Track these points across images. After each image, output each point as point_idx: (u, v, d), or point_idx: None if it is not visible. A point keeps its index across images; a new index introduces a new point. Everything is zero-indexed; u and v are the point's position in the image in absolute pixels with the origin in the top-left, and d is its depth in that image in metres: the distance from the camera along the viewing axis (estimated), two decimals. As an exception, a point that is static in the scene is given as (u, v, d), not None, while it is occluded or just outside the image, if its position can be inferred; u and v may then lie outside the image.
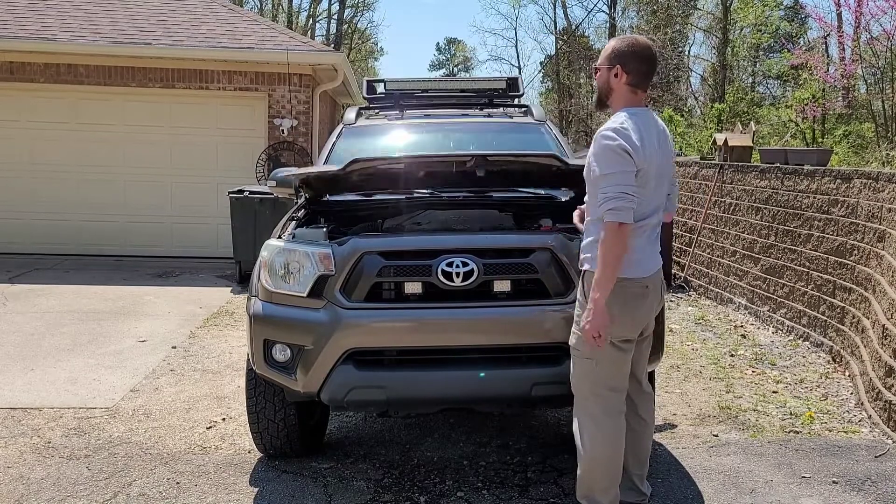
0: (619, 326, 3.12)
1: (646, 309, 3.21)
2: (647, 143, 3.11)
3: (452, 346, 3.60)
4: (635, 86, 3.20)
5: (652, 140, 3.15)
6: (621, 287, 3.08)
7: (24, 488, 3.86)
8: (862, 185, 6.02)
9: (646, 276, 3.16)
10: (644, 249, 3.17)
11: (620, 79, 3.19)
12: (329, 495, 3.80)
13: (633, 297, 3.14)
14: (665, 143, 3.26)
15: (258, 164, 10.69)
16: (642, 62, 3.19)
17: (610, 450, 3.21)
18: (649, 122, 3.21)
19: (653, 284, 3.20)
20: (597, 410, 3.21)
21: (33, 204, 10.91)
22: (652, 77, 3.28)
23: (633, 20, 32.52)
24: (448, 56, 59.19)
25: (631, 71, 3.18)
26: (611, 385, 3.21)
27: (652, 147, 3.13)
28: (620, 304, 3.10)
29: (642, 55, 3.19)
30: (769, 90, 25.24)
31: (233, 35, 10.99)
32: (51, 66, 10.59)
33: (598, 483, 3.24)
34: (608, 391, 3.20)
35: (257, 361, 3.75)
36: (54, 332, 6.90)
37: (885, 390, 4.71)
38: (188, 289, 8.93)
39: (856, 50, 14.44)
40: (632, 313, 3.16)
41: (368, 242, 3.68)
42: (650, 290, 3.19)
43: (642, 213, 3.12)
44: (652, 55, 3.24)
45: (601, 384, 3.20)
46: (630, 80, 3.18)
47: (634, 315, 3.17)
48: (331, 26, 39.91)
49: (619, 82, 3.19)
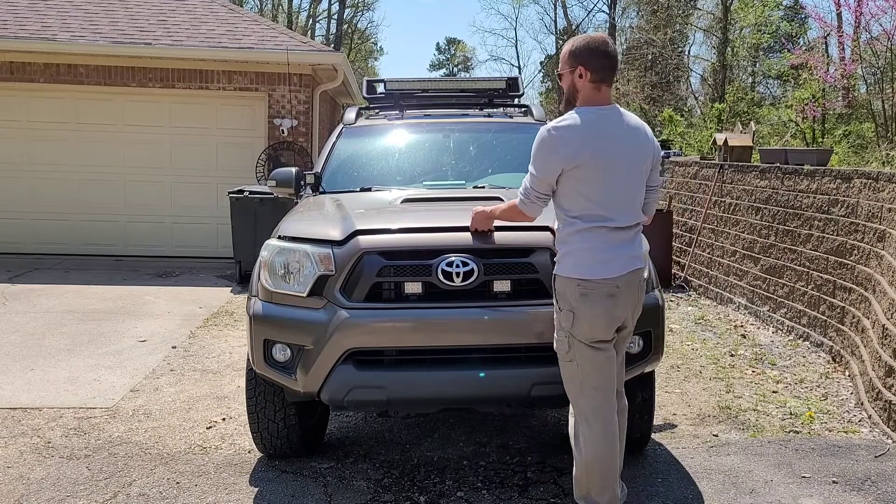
0: (587, 328, 3.14)
1: (618, 311, 3.18)
2: (598, 142, 3.09)
3: (452, 346, 3.60)
4: (599, 82, 3.18)
5: (609, 138, 3.13)
6: (587, 288, 3.10)
7: (24, 488, 3.86)
8: (862, 185, 6.02)
9: (613, 276, 3.13)
10: (609, 251, 3.14)
11: (585, 78, 3.17)
12: (329, 495, 3.80)
13: (601, 297, 3.12)
14: (635, 142, 3.22)
15: (258, 164, 10.70)
16: (603, 57, 3.18)
17: (603, 449, 3.20)
18: (610, 119, 3.19)
19: (626, 285, 3.17)
20: (586, 410, 3.22)
21: (33, 204, 10.91)
22: (615, 71, 3.26)
23: (633, 20, 32.54)
24: (448, 56, 59.17)
25: (593, 68, 3.16)
26: (594, 384, 3.21)
27: (608, 145, 3.11)
28: (589, 305, 3.11)
29: (602, 51, 3.18)
30: (769, 90, 25.23)
31: (233, 35, 10.99)
32: (51, 66, 10.59)
33: (595, 483, 3.23)
34: (593, 390, 3.21)
35: (257, 361, 3.75)
36: (54, 332, 6.90)
37: (885, 390, 4.71)
38: (188, 289, 8.94)
39: (856, 50, 14.43)
40: (601, 314, 3.14)
41: (368, 242, 3.68)
42: (622, 290, 3.16)
43: (596, 214, 3.12)
44: (610, 49, 3.22)
45: (585, 384, 3.21)
46: (593, 78, 3.16)
47: (604, 316, 3.15)
48: (331, 26, 39.93)
49: (584, 82, 3.18)
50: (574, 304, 3.13)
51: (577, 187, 3.12)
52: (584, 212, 3.13)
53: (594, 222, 3.11)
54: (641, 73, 27.45)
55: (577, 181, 3.11)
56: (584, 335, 3.15)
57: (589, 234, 3.12)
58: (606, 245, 3.13)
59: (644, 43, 28.20)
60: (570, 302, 3.14)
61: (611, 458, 3.22)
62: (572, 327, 3.15)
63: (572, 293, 3.13)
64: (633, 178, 3.22)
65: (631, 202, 3.22)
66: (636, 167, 3.23)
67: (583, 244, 3.13)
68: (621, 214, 3.16)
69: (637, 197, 3.25)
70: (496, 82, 6.21)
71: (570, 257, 3.15)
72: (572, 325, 3.15)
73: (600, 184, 3.11)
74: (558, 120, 3.15)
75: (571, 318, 3.15)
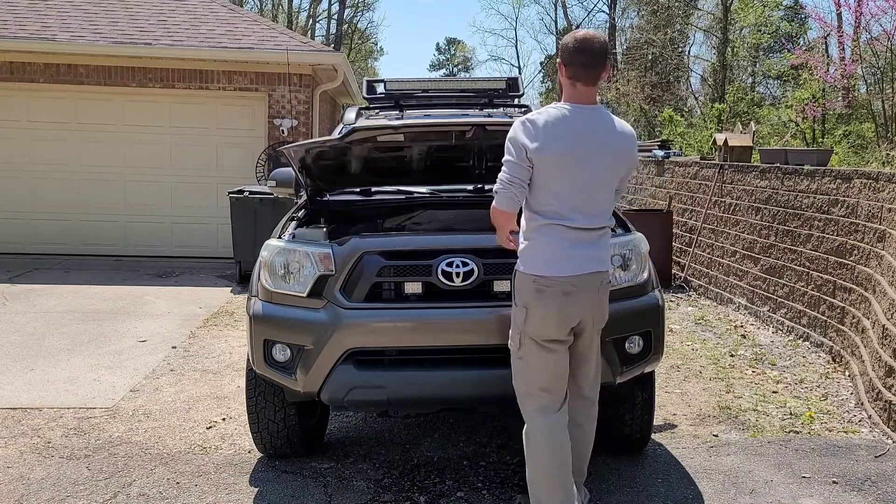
0: (538, 325, 3.13)
1: (572, 310, 3.14)
2: (568, 139, 3.05)
3: (452, 346, 3.60)
4: (573, 78, 3.11)
5: (580, 138, 3.07)
6: (539, 285, 3.10)
7: (24, 488, 3.86)
8: (862, 185, 6.02)
9: (568, 275, 3.10)
10: (567, 249, 3.11)
11: (562, 72, 3.15)
12: (329, 495, 3.80)
13: (553, 296, 3.10)
14: (611, 146, 3.15)
15: (258, 164, 10.70)
16: (578, 53, 3.10)
17: (548, 449, 3.17)
18: (586, 118, 3.12)
19: (582, 284, 3.13)
20: (531, 411, 3.21)
21: (33, 204, 10.91)
22: (592, 69, 3.12)
23: (633, 20, 32.52)
24: (448, 56, 59.18)
25: (568, 63, 3.12)
26: (541, 384, 3.19)
27: (579, 144, 3.06)
28: (542, 302, 3.10)
29: (579, 47, 3.10)
30: (769, 90, 25.22)
31: (233, 35, 10.99)
32: (51, 66, 10.59)
33: (542, 484, 3.20)
34: (539, 390, 3.19)
35: (257, 361, 3.75)
36: (54, 332, 6.90)
37: (885, 390, 4.71)
38: (188, 289, 8.93)
39: (856, 50, 14.43)
40: (554, 312, 3.12)
41: (368, 242, 3.68)
42: (578, 290, 3.12)
43: (557, 211, 3.09)
44: (590, 47, 3.11)
45: (532, 383, 3.20)
46: (567, 73, 3.12)
47: (555, 315, 3.12)
48: (331, 26, 39.94)
49: (563, 77, 3.15)
50: (528, 300, 3.13)
51: (541, 182, 3.10)
52: (545, 207, 3.11)
53: (554, 219, 3.10)
54: (641, 73, 27.43)
55: (543, 176, 3.08)
56: (535, 332, 3.14)
57: (549, 230, 3.11)
58: (565, 243, 3.11)
59: (644, 43, 28.19)
60: (525, 298, 3.15)
61: (556, 463, 3.18)
62: (524, 323, 3.14)
63: (528, 289, 3.13)
64: (601, 182, 3.17)
65: (595, 205, 3.17)
66: (607, 172, 3.17)
67: (541, 240, 3.12)
68: (584, 216, 3.13)
69: (604, 201, 3.20)
70: (496, 82, 6.20)
71: (528, 253, 3.15)
72: (525, 321, 3.14)
73: (565, 182, 3.09)
74: (531, 113, 3.17)
75: (524, 314, 3.14)
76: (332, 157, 4.59)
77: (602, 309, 3.28)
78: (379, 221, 4.66)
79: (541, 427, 3.20)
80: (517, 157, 3.08)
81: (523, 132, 3.07)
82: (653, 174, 11.02)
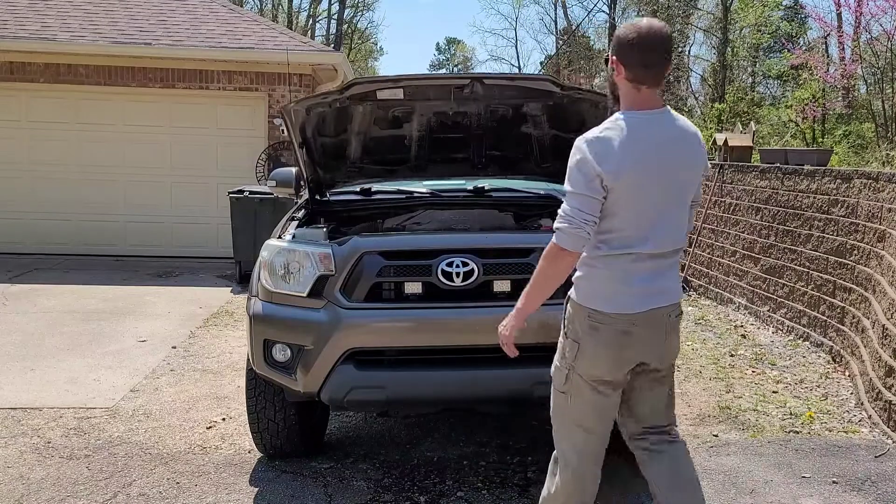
0: (589, 364, 2.71)
1: (630, 351, 2.70)
2: (637, 155, 2.58)
3: (452, 345, 3.60)
4: (635, 81, 2.61)
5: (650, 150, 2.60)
6: (594, 321, 2.67)
7: (24, 488, 3.86)
8: (862, 185, 6.02)
9: (630, 312, 2.66)
10: (630, 282, 2.65)
11: (619, 73, 2.63)
12: (329, 495, 3.80)
13: (610, 334, 2.66)
14: (682, 153, 2.68)
15: (258, 164, 10.70)
16: (640, 51, 2.58)
17: (563, 494, 2.87)
18: (654, 126, 2.65)
19: (646, 323, 2.68)
20: (566, 449, 2.87)
21: (33, 204, 10.90)
22: (659, 69, 2.62)
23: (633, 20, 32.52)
24: (448, 56, 59.20)
25: (627, 63, 2.60)
26: (584, 425, 2.82)
27: (649, 158, 2.59)
28: (595, 341, 2.68)
29: (641, 43, 2.57)
30: (769, 90, 25.23)
31: (233, 35, 10.99)
32: (51, 66, 10.59)
33: None
34: (577, 427, 2.82)
35: (257, 361, 3.75)
36: (54, 332, 6.89)
37: (885, 390, 4.71)
38: (188, 289, 8.93)
39: (856, 50, 14.44)
40: (608, 353, 2.69)
41: (368, 242, 3.68)
42: (640, 330, 2.67)
43: (626, 237, 2.63)
44: (653, 41, 2.59)
45: (573, 423, 2.83)
46: (628, 75, 2.61)
47: (610, 355, 2.69)
48: (331, 26, 39.94)
49: (619, 77, 2.64)
50: (581, 335, 2.71)
51: (610, 209, 2.60)
52: (611, 235, 2.64)
53: (622, 248, 2.63)
54: (641, 73, 27.42)
55: (615, 203, 2.59)
56: (585, 371, 2.73)
57: (612, 260, 2.65)
58: (628, 275, 2.65)
59: (644, 43, 28.16)
60: (577, 331, 2.73)
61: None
62: (574, 360, 2.74)
63: (581, 323, 2.71)
64: (679, 197, 2.71)
65: (671, 225, 2.69)
66: (680, 183, 2.70)
67: (602, 271, 2.67)
68: (658, 240, 2.66)
69: (679, 218, 2.72)
70: None
71: (585, 282, 2.71)
72: (575, 357, 2.74)
73: (639, 205, 2.61)
74: (595, 130, 2.64)
75: (575, 349, 2.73)
76: (333, 132, 4.59)
77: (671, 346, 2.81)
78: (379, 221, 4.66)
79: (568, 464, 2.85)
80: (588, 187, 2.56)
81: (593, 154, 2.55)
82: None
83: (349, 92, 4.01)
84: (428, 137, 4.74)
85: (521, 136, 4.77)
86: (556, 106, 4.47)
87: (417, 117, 4.57)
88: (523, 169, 5.00)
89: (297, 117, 4.30)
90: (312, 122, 4.44)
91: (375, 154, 4.86)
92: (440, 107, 4.52)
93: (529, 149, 4.85)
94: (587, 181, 2.56)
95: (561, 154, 4.85)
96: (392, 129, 4.67)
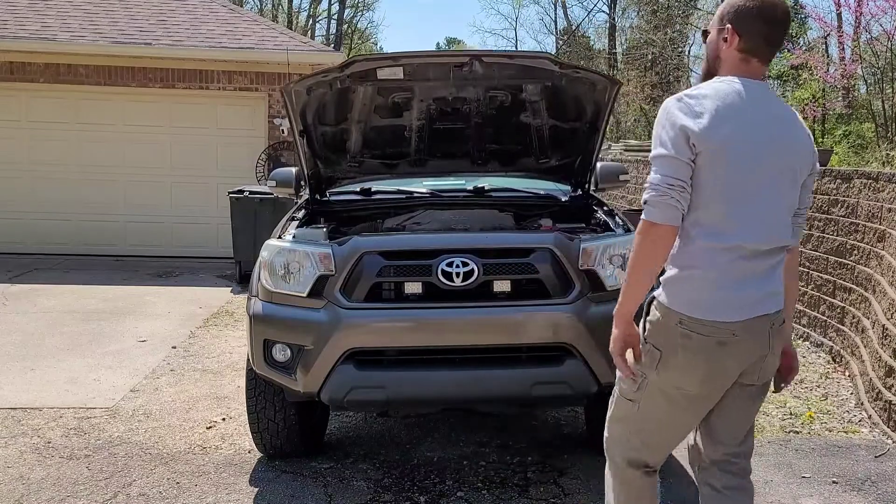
0: (676, 376, 2.35)
1: (725, 364, 2.34)
2: (740, 124, 2.26)
3: (452, 346, 3.60)
4: (748, 53, 2.34)
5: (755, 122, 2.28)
6: (687, 328, 2.31)
7: (24, 488, 3.86)
8: (862, 185, 6.02)
9: (730, 321, 2.29)
10: (732, 284, 2.30)
11: (731, 43, 2.34)
12: (329, 495, 3.80)
13: (704, 345, 2.29)
14: (791, 136, 2.35)
15: (258, 164, 10.70)
16: (764, 23, 2.31)
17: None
18: (760, 98, 2.32)
19: (746, 333, 2.31)
20: (619, 461, 2.57)
21: (33, 204, 10.90)
22: (777, 44, 2.38)
23: (633, 20, 32.54)
24: (448, 56, 59.16)
25: (744, 32, 2.32)
26: (648, 441, 2.50)
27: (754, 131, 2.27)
28: (683, 351, 2.32)
29: (766, 14, 2.32)
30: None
31: (233, 35, 10.99)
32: (51, 66, 10.59)
33: None
34: (641, 444, 2.51)
35: (257, 361, 3.75)
36: (54, 331, 6.90)
37: (885, 390, 4.71)
38: (188, 289, 8.93)
39: (856, 50, 14.44)
40: (700, 366, 2.33)
41: (369, 242, 3.69)
42: (739, 341, 2.30)
43: (725, 227, 2.27)
44: (779, 15, 2.34)
45: (635, 434, 2.50)
46: (742, 45, 2.33)
47: (702, 369, 2.33)
48: (331, 26, 39.95)
49: (729, 48, 2.36)
50: (667, 343, 2.34)
51: (704, 182, 2.27)
52: (707, 220, 2.28)
53: (720, 238, 2.27)
54: (641, 73, 27.46)
55: (708, 173, 2.26)
56: (666, 382, 2.37)
57: (711, 255, 2.28)
58: (732, 276, 2.30)
59: (644, 43, 28.21)
60: (662, 339, 2.35)
61: None
62: (655, 370, 2.37)
63: (669, 330, 2.33)
64: (784, 184, 2.34)
65: (777, 214, 2.34)
66: (790, 170, 2.35)
67: (701, 268, 2.30)
68: (762, 231, 2.31)
69: (787, 209, 2.37)
70: None
71: (677, 283, 2.34)
72: (656, 367, 2.36)
73: (737, 182, 2.27)
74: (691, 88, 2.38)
75: (657, 358, 2.36)
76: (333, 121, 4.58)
77: (773, 359, 2.43)
78: (379, 221, 4.66)
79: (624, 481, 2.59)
80: (675, 146, 2.25)
81: (682, 110, 2.27)
82: (653, 174, 11.00)
83: (350, 70, 3.99)
84: (428, 128, 4.72)
85: (520, 126, 4.75)
86: (555, 89, 4.45)
87: (417, 103, 4.54)
88: (523, 164, 4.98)
89: (299, 99, 4.27)
90: (313, 107, 4.41)
91: (376, 146, 4.84)
92: (439, 91, 4.48)
93: (529, 140, 4.83)
94: (672, 140, 2.26)
95: (560, 146, 4.86)
96: (392, 118, 4.65)
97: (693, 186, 2.27)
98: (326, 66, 4.29)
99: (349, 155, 4.83)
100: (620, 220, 4.18)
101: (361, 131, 4.67)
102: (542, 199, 4.84)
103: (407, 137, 4.78)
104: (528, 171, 5.00)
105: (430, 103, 4.56)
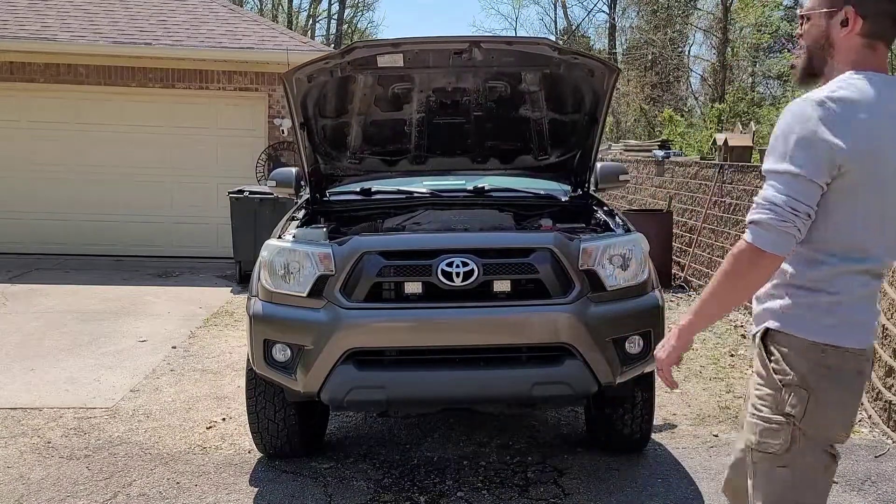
0: (829, 419, 2.02)
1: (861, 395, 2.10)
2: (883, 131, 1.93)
3: (452, 345, 3.60)
4: (874, 37, 1.99)
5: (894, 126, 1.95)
6: (836, 360, 2.00)
7: (24, 488, 3.86)
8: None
9: (867, 347, 2.06)
10: (869, 307, 2.06)
11: (852, 27, 1.98)
12: (329, 495, 3.80)
13: (849, 376, 2.02)
14: None
15: (258, 164, 10.70)
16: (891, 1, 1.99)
17: None
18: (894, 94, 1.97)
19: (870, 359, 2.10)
20: None
21: (33, 204, 10.90)
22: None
23: (633, 20, 32.52)
24: (448, 56, 59.16)
25: (870, 14, 1.96)
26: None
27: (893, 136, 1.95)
28: (831, 387, 2.00)
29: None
30: (769, 90, 25.22)
31: (233, 35, 10.99)
32: (51, 66, 10.58)
33: None
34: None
35: (257, 361, 3.75)
36: (54, 332, 6.89)
37: (884, 390, 4.71)
38: (188, 289, 8.93)
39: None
40: (850, 401, 2.05)
41: (369, 242, 3.68)
42: (869, 368, 2.09)
43: (862, 248, 1.99)
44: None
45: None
46: (867, 29, 1.97)
47: (852, 404, 2.07)
48: (331, 26, 39.93)
49: (850, 34, 1.99)
50: (812, 380, 1.99)
51: (840, 202, 1.95)
52: (841, 241, 1.99)
53: (857, 261, 2.00)
54: (641, 73, 27.46)
55: (846, 192, 1.94)
56: (819, 431, 2.02)
57: (848, 279, 2.01)
58: (869, 299, 2.05)
59: (644, 43, 28.20)
60: (804, 375, 2.00)
61: None
62: (806, 414, 2.00)
63: (810, 364, 2.00)
64: None
65: None
66: None
67: (839, 293, 2.01)
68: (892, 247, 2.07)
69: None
70: None
71: (809, 309, 2.02)
72: (805, 412, 2.00)
73: (877, 199, 1.97)
74: (822, 90, 1.95)
75: (805, 400, 1.99)
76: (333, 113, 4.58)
77: None
78: (379, 221, 4.66)
79: None
80: (812, 165, 1.90)
81: (826, 120, 1.89)
82: (653, 174, 11.02)
83: (350, 56, 3.99)
84: (427, 122, 4.71)
85: (520, 120, 4.74)
86: (554, 78, 4.43)
87: (417, 94, 4.52)
88: (523, 161, 4.97)
89: (300, 88, 4.25)
90: (314, 97, 4.40)
91: (376, 142, 4.83)
92: (439, 80, 4.46)
93: (529, 135, 4.82)
94: (813, 160, 1.89)
95: (560, 141, 4.85)
96: (392, 111, 4.64)
97: (826, 208, 1.95)
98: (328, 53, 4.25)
99: (349, 151, 4.82)
100: (620, 220, 4.18)
101: (361, 125, 4.66)
102: (542, 199, 4.83)
103: (407, 133, 4.76)
104: (528, 168, 4.99)
105: (429, 94, 4.54)
